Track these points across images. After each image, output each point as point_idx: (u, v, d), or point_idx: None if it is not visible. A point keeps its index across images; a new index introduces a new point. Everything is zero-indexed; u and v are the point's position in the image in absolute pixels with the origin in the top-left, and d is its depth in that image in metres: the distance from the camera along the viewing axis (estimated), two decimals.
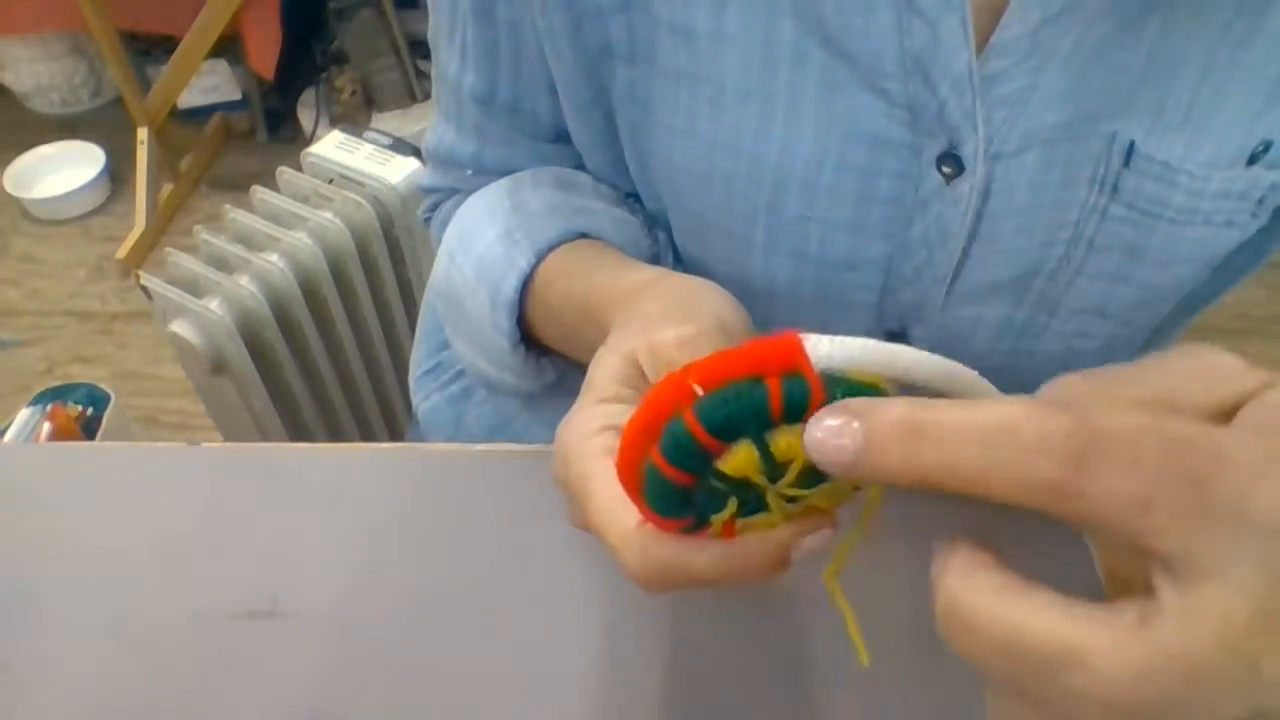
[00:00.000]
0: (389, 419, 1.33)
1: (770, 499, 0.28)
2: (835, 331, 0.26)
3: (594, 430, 0.33)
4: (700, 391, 0.26)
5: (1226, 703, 0.21)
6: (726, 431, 0.26)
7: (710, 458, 0.26)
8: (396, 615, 0.48)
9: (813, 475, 0.27)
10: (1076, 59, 0.41)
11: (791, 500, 0.29)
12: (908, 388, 0.26)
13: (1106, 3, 0.39)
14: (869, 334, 0.58)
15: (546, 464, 0.36)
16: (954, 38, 0.40)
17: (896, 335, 0.53)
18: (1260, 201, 0.45)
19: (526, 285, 0.49)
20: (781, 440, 0.26)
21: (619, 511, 0.31)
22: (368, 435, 1.31)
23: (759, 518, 0.29)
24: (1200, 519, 0.20)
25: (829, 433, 0.23)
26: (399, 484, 0.54)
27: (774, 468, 0.27)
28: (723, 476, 0.27)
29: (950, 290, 0.49)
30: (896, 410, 0.23)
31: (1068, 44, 0.40)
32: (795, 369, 0.25)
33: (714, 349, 0.32)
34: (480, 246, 0.50)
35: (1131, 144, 0.43)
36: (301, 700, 0.45)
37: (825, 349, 0.25)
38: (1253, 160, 0.44)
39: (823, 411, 0.24)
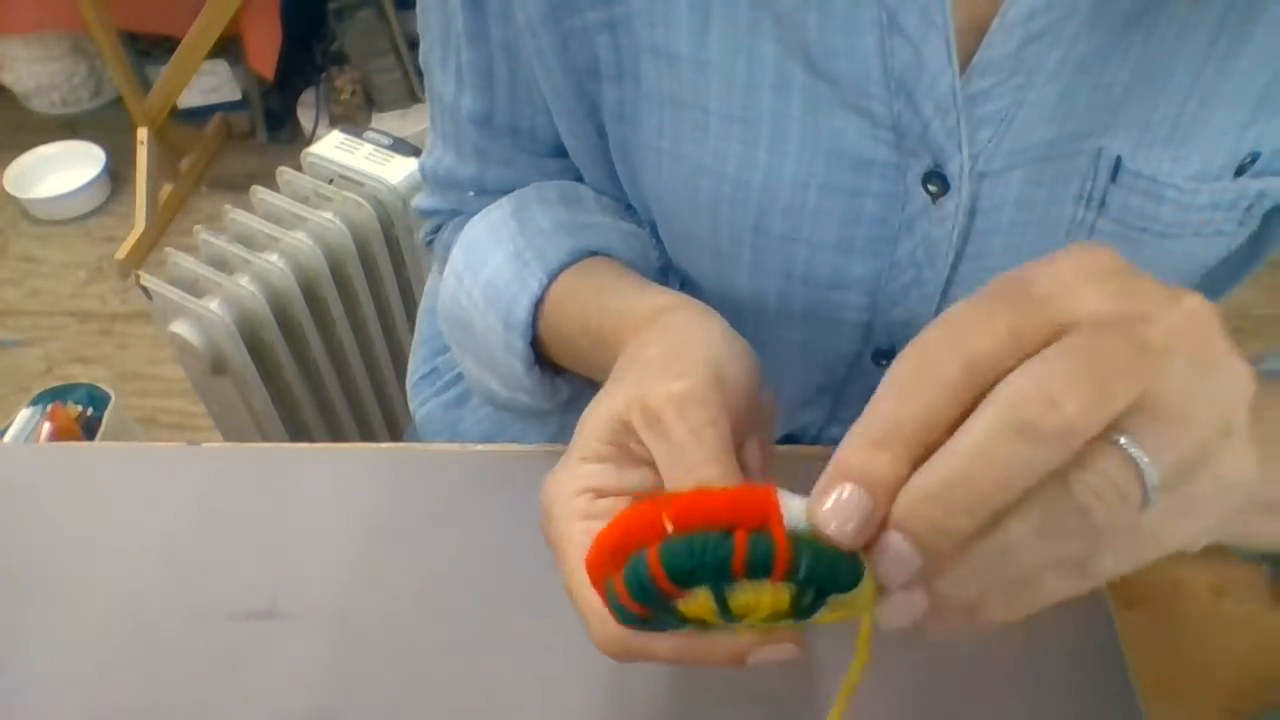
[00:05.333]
0: (389, 419, 1.33)
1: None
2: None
3: (574, 491, 0.34)
4: (670, 529, 0.26)
5: None
6: (687, 579, 0.26)
7: (668, 599, 0.27)
8: (396, 615, 0.48)
9: (773, 618, 0.27)
10: (1061, 77, 0.41)
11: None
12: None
13: (1090, 21, 0.39)
14: (858, 353, 0.57)
15: (546, 464, 0.36)
16: (937, 58, 0.40)
17: (887, 353, 0.53)
18: (1248, 210, 0.45)
19: (539, 306, 0.49)
20: (740, 596, 0.26)
21: (588, 584, 0.31)
22: (368, 435, 1.31)
23: (722, 629, 0.29)
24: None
25: (837, 515, 0.24)
26: (399, 484, 0.54)
27: (730, 617, 0.27)
28: (679, 614, 0.27)
29: (940, 308, 0.49)
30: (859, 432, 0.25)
31: (1052, 62, 0.40)
32: (765, 526, 0.25)
33: (707, 408, 0.33)
34: (489, 269, 0.50)
35: (1118, 160, 0.43)
36: (301, 700, 0.45)
37: (799, 508, 0.25)
38: (1240, 171, 0.44)
39: (824, 511, 0.24)
